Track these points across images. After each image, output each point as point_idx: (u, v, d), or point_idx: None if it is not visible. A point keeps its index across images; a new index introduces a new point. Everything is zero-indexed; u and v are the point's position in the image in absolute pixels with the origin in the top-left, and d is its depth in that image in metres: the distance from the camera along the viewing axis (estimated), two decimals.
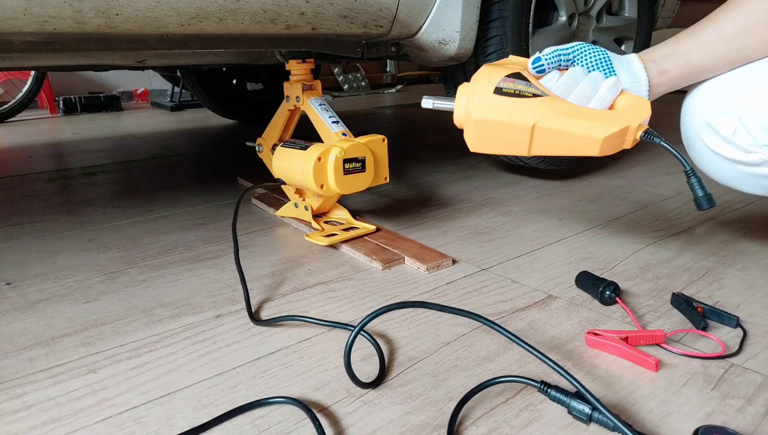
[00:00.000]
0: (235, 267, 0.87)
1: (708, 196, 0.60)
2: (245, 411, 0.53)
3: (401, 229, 1.04)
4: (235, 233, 0.85)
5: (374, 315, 0.57)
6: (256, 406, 0.53)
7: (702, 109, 0.67)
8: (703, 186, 0.60)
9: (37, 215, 1.18)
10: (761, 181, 0.66)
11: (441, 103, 0.71)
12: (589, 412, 0.48)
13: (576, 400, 0.49)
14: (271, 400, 0.54)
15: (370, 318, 0.57)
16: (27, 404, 0.55)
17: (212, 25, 0.79)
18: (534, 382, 0.52)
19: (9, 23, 0.65)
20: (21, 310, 0.75)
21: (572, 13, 1.26)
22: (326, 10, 0.88)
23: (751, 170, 0.66)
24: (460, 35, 1.05)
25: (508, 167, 1.51)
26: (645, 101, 0.63)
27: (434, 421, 0.51)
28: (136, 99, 3.61)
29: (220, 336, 0.67)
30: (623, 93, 0.64)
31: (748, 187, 0.69)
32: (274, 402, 0.54)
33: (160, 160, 1.76)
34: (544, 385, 0.51)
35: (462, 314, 0.59)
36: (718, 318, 0.67)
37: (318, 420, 0.50)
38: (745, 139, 0.63)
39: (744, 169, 0.66)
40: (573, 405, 0.49)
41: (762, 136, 0.62)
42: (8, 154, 1.94)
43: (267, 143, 1.16)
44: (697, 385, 0.56)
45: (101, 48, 0.81)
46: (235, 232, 0.85)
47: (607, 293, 0.71)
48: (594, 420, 0.48)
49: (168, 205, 1.23)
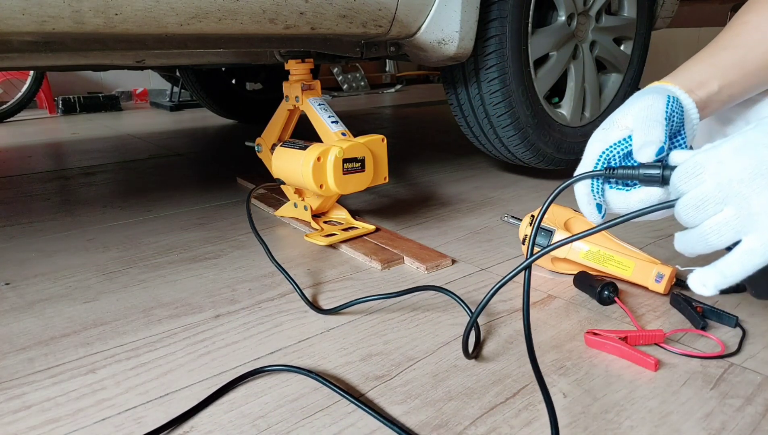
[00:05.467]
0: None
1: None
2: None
3: (401, 229, 1.03)
4: (257, 232, 0.87)
5: (488, 299, 0.56)
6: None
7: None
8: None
9: (36, 215, 1.18)
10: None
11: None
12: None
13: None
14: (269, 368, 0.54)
15: (486, 300, 0.54)
16: (26, 404, 0.55)
17: (211, 25, 0.79)
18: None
19: (8, 23, 0.65)
20: (20, 310, 0.75)
21: (571, 13, 1.26)
22: (325, 10, 0.88)
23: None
24: (459, 35, 1.05)
25: (507, 167, 1.51)
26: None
27: (434, 420, 0.51)
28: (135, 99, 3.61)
29: (219, 336, 0.67)
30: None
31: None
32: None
33: (160, 160, 1.76)
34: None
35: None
36: (718, 317, 0.67)
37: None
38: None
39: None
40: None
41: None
42: (7, 154, 1.94)
43: (266, 143, 1.16)
44: (696, 384, 0.56)
45: (100, 48, 0.81)
46: (256, 231, 0.87)
47: (605, 293, 0.71)
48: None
49: (167, 205, 1.23)
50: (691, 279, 0.42)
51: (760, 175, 0.38)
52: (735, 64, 0.52)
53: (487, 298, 0.53)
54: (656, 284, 0.73)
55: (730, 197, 0.39)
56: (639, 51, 1.47)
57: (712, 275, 0.41)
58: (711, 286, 0.41)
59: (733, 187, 0.39)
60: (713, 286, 0.41)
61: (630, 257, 0.75)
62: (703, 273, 0.42)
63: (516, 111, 1.19)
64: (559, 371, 0.58)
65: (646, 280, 0.74)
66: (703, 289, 0.42)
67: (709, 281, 0.41)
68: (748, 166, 0.39)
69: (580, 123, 1.36)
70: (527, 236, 0.82)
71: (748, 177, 0.39)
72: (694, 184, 0.41)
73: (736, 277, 0.40)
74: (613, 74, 1.46)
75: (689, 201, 0.41)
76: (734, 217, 0.39)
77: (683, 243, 0.44)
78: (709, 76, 0.51)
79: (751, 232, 0.39)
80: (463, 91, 1.24)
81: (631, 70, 1.47)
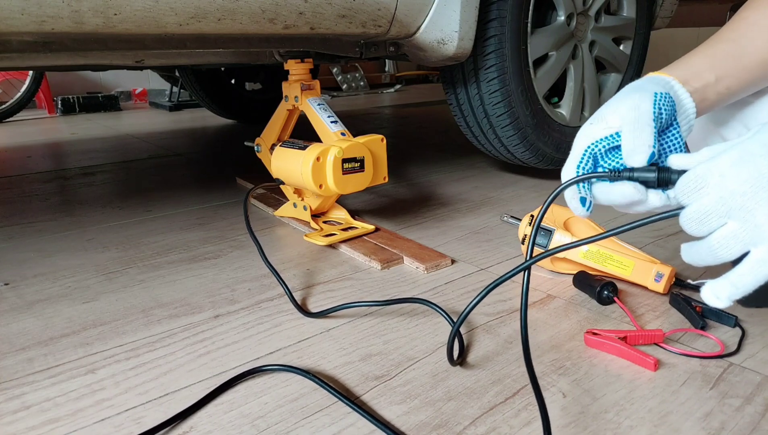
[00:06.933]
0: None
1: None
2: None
3: (400, 229, 1.03)
4: (252, 232, 0.86)
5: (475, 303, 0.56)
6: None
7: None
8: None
9: (36, 215, 1.18)
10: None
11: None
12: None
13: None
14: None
15: (472, 306, 0.54)
16: (25, 404, 0.55)
17: (210, 25, 0.79)
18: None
19: (7, 23, 0.65)
20: (19, 310, 0.75)
21: (571, 13, 1.26)
22: (325, 9, 0.88)
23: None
24: (458, 35, 1.05)
25: (506, 167, 1.51)
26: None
27: (433, 420, 0.51)
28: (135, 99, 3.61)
29: (219, 336, 0.67)
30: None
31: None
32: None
33: (159, 160, 1.76)
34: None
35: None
36: (717, 317, 0.67)
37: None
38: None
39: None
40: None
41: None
42: (7, 154, 1.94)
43: (266, 143, 1.16)
44: (695, 384, 0.56)
45: (99, 48, 0.81)
46: (252, 232, 0.86)
47: (605, 293, 0.72)
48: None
49: (166, 205, 1.23)
50: (704, 292, 0.43)
51: (761, 188, 0.39)
52: (732, 56, 0.52)
53: (469, 309, 0.54)
54: (656, 284, 0.73)
55: (734, 211, 0.40)
56: (638, 51, 1.47)
57: (725, 287, 0.42)
58: (725, 298, 0.42)
59: (736, 200, 0.40)
60: (727, 297, 0.42)
61: (629, 257, 0.75)
62: (716, 285, 0.43)
63: (515, 111, 1.19)
64: (559, 371, 0.58)
65: (645, 280, 0.74)
66: (717, 302, 0.43)
67: (722, 293, 0.42)
68: (749, 179, 0.39)
69: (580, 123, 1.36)
70: (527, 236, 0.82)
71: (750, 190, 0.39)
72: (696, 197, 0.42)
73: (748, 287, 0.41)
74: (613, 74, 1.46)
75: (693, 214, 0.42)
76: (741, 230, 0.40)
77: (691, 255, 0.44)
78: (706, 67, 0.52)
79: (760, 243, 0.40)
80: (462, 91, 1.24)
81: (631, 70, 1.47)
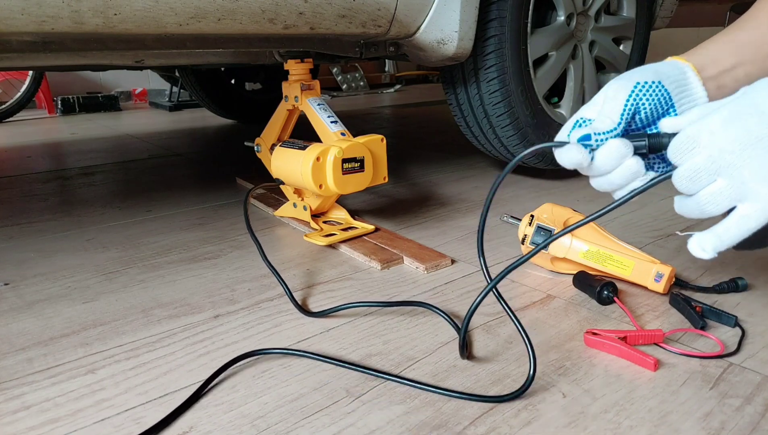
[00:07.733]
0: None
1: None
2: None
3: (400, 229, 1.03)
4: (253, 232, 0.87)
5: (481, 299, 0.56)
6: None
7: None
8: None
9: (36, 215, 1.18)
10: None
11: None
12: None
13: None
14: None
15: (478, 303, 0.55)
16: (25, 405, 0.55)
17: (210, 25, 0.79)
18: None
19: (7, 23, 0.65)
20: (19, 310, 0.75)
21: (570, 13, 1.26)
22: (325, 9, 0.88)
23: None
24: (458, 35, 1.05)
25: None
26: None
27: (433, 420, 0.51)
28: (135, 99, 3.61)
29: (218, 336, 0.67)
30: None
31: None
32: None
33: (159, 160, 1.76)
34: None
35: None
36: (717, 317, 0.67)
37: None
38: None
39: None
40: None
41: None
42: (6, 154, 1.94)
43: (266, 143, 1.16)
44: (695, 384, 0.56)
45: (99, 48, 0.81)
46: (252, 232, 0.87)
47: (605, 293, 0.71)
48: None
49: (166, 205, 1.23)
50: (691, 244, 0.45)
51: (749, 145, 0.41)
52: (752, 43, 0.52)
53: (469, 314, 0.54)
54: (655, 284, 0.73)
55: (723, 168, 0.42)
56: (638, 51, 1.47)
57: (710, 239, 0.44)
58: (710, 249, 0.44)
59: (724, 158, 0.42)
60: (712, 249, 0.44)
61: (629, 257, 0.75)
62: (702, 238, 0.45)
63: (515, 111, 1.19)
64: (559, 371, 0.58)
65: (645, 280, 0.74)
66: (702, 253, 0.44)
67: (707, 245, 0.44)
68: (738, 137, 0.41)
69: None
70: (527, 236, 0.82)
71: (738, 148, 0.41)
72: (688, 157, 0.43)
73: (732, 240, 0.44)
74: (613, 74, 1.46)
75: (684, 173, 0.44)
76: (728, 186, 0.42)
77: (682, 208, 0.46)
78: (724, 54, 0.52)
79: (745, 199, 0.42)
80: (462, 91, 1.24)
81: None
